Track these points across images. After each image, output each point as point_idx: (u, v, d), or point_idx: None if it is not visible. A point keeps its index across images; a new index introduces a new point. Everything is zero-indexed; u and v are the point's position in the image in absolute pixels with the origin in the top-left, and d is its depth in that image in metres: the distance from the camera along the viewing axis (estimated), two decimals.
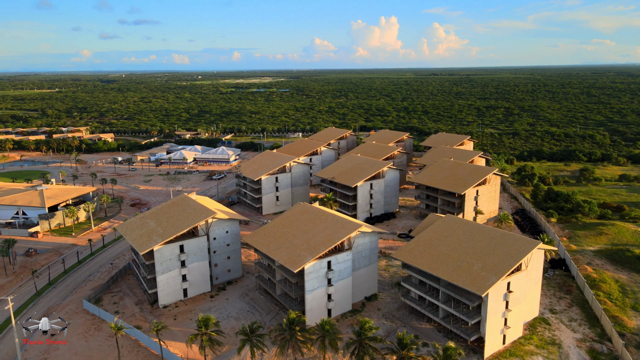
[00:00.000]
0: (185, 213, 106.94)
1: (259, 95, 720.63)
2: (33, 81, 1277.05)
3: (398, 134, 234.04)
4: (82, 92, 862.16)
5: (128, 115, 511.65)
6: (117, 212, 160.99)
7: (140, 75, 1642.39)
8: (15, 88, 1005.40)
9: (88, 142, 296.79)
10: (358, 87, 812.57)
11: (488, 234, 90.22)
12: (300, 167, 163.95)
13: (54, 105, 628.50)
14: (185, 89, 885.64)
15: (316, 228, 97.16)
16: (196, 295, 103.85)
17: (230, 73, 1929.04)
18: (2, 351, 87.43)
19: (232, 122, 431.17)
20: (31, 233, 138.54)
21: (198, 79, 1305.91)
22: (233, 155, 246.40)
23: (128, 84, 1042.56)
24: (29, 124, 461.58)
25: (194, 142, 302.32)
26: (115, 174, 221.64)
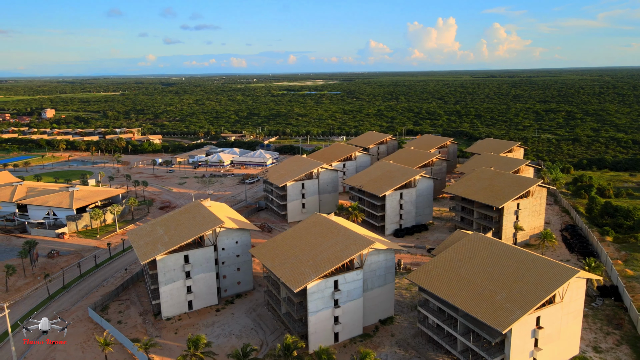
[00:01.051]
0: (194, 221, 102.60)
1: (309, 97, 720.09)
2: (101, 84, 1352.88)
3: (441, 139, 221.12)
4: (143, 94, 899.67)
5: (180, 117, 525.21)
6: (145, 214, 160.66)
7: (199, 79, 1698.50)
8: (84, 91, 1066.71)
9: (134, 144, 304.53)
10: (410, 90, 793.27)
11: (518, 258, 78.69)
12: (329, 174, 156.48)
13: (115, 107, 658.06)
14: (239, 91, 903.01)
15: (326, 243, 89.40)
16: (202, 308, 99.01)
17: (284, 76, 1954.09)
18: (2, 357, 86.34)
19: (278, 125, 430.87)
20: (58, 234, 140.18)
21: (253, 82, 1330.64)
22: (270, 158, 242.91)
23: (186, 87, 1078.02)
24: (89, 124, 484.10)
25: (234, 144, 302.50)
26: (153, 176, 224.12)
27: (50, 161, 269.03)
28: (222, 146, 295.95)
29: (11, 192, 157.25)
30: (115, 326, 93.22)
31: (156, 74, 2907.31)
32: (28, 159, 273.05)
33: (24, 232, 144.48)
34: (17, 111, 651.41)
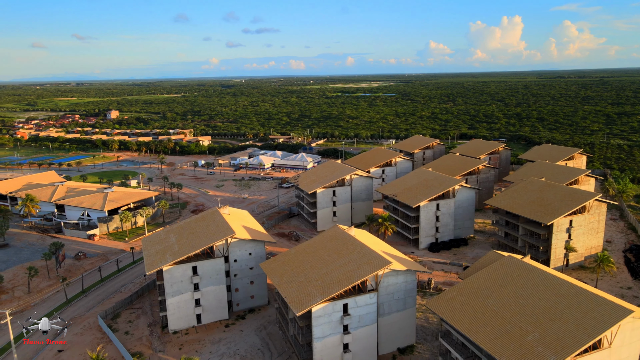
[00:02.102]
0: (207, 230, 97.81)
1: (363, 99, 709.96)
2: (165, 87, 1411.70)
3: (492, 145, 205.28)
4: (202, 96, 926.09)
5: (234, 118, 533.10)
6: (176, 218, 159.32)
7: (258, 80, 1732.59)
8: (149, 93, 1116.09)
9: (183, 145, 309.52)
10: (469, 92, 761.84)
11: (558, 290, 66.76)
12: (362, 181, 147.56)
13: (174, 108, 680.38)
14: (294, 93, 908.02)
15: (339, 260, 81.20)
16: (211, 323, 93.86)
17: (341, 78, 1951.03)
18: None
19: (328, 127, 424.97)
20: (89, 235, 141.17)
21: (310, 84, 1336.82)
22: (311, 162, 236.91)
23: (244, 89, 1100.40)
24: (148, 125, 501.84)
25: (277, 147, 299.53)
26: (193, 178, 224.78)
27: (101, 161, 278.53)
28: (266, 149, 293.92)
29: (51, 192, 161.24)
30: (122, 337, 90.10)
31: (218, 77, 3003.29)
32: (82, 158, 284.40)
33: (59, 232, 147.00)
34: (86, 112, 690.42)
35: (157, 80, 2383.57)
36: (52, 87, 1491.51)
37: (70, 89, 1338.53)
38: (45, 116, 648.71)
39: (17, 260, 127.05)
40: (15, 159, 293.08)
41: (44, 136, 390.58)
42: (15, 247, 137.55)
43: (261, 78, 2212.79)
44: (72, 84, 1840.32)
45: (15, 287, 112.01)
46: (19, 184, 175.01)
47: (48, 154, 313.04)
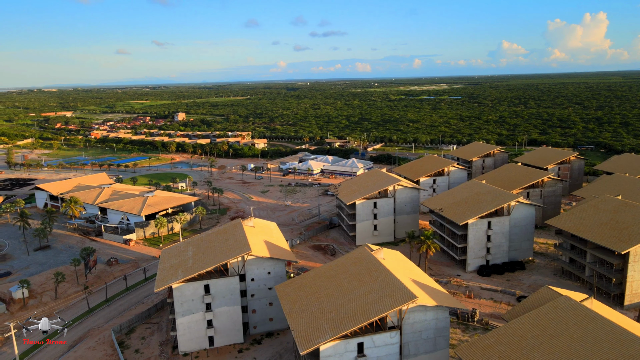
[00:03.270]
0: (224, 245, 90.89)
1: (427, 102, 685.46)
2: (233, 90, 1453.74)
3: (563, 154, 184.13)
4: (267, 99, 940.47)
5: (293, 121, 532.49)
6: (214, 224, 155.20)
7: (323, 83, 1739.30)
8: (217, 96, 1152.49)
9: (236, 148, 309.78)
10: (543, 94, 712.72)
11: (628, 349, 52.26)
12: (407, 192, 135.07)
13: (238, 111, 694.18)
14: (357, 96, 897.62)
15: (359, 289, 70.75)
16: (225, 346, 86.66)
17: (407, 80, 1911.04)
18: None
19: (387, 131, 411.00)
20: (125, 240, 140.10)
21: (374, 86, 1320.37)
22: (362, 168, 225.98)
23: (308, 92, 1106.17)
24: (210, 127, 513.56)
25: (330, 152, 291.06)
26: (240, 182, 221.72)
27: (156, 163, 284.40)
28: (319, 153, 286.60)
29: (97, 194, 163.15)
30: (131, 356, 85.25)
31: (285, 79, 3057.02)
32: (140, 160, 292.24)
33: (99, 235, 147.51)
34: (157, 114, 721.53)
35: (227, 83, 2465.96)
36: (131, 91, 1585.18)
37: (147, 92, 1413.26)
38: (120, 118, 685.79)
39: (53, 263, 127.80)
40: (82, 159, 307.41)
41: (113, 137, 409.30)
42: (55, 249, 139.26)
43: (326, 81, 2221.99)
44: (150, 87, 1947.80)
45: (45, 291, 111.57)
46: (70, 185, 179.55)
47: (112, 155, 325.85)
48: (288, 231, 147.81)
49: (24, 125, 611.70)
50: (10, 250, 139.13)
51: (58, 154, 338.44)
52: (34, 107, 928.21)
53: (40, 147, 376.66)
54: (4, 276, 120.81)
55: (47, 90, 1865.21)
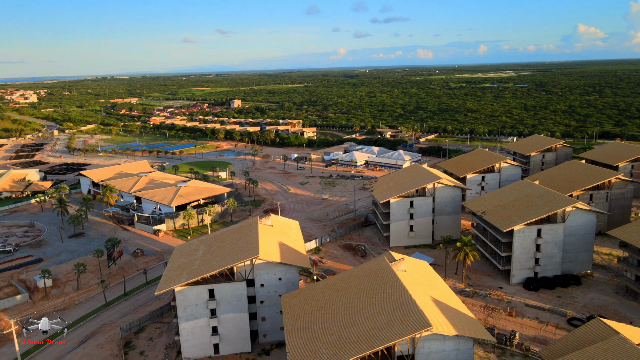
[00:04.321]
0: (235, 246, 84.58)
1: (489, 90, 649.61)
2: (292, 77, 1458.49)
3: (638, 150, 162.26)
4: (323, 86, 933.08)
5: (347, 109, 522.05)
6: (245, 217, 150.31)
7: (382, 71, 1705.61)
8: (275, 83, 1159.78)
9: (283, 136, 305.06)
10: (621, 81, 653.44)
11: None
12: (449, 191, 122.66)
13: (293, 98, 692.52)
14: (415, 84, 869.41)
15: (368, 308, 61.70)
16: (230, 355, 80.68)
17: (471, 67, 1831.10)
18: None
19: (442, 121, 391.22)
20: (154, 231, 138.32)
21: (434, 74, 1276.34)
22: (408, 161, 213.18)
23: (365, 79, 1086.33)
24: (264, 115, 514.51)
25: (377, 142, 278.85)
26: (282, 172, 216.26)
27: (202, 150, 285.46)
28: (365, 143, 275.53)
29: (133, 183, 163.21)
30: (136, 357, 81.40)
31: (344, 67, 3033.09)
32: (187, 147, 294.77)
33: (132, 224, 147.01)
34: (215, 101, 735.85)
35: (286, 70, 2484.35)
36: (194, 78, 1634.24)
37: (209, 80, 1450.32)
38: (180, 105, 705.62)
39: (83, 252, 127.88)
40: (135, 145, 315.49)
41: (168, 124, 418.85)
42: (89, 236, 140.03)
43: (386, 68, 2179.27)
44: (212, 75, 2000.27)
45: (69, 281, 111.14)
46: (112, 172, 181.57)
47: (164, 142, 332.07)
48: (320, 227, 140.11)
49: (92, 111, 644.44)
50: (47, 236, 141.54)
51: (115, 140, 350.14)
52: (104, 93, 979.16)
53: (100, 133, 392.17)
54: (35, 263, 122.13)
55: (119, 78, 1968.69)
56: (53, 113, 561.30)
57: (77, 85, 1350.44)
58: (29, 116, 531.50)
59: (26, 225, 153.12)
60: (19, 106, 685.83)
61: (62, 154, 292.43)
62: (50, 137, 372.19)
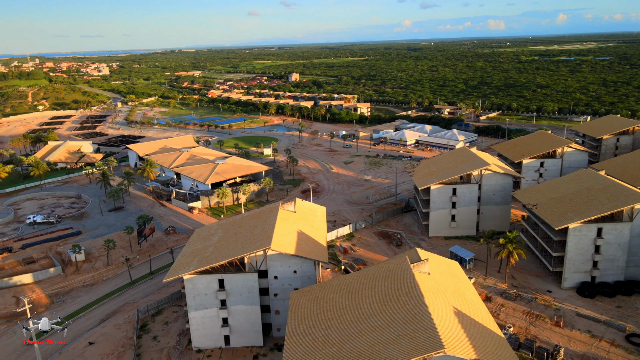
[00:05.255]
0: (250, 233, 79.62)
1: (564, 64, 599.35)
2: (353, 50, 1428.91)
3: None
4: (384, 60, 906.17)
5: (406, 84, 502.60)
6: (282, 197, 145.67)
7: (448, 43, 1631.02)
8: (335, 56, 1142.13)
9: (334, 112, 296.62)
10: None
11: None
12: (498, 179, 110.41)
13: (352, 72, 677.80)
14: (482, 57, 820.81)
15: (378, 318, 54.49)
16: (241, 348, 76.67)
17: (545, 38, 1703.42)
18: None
19: (507, 98, 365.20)
20: (189, 208, 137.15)
21: (505, 46, 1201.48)
22: (462, 142, 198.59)
23: (429, 52, 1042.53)
24: (320, 89, 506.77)
25: (430, 120, 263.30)
26: (327, 150, 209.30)
27: (252, 125, 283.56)
28: (419, 121, 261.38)
29: (174, 158, 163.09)
30: (147, 343, 79.69)
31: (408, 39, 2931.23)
32: (238, 121, 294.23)
33: (169, 200, 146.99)
34: (273, 75, 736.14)
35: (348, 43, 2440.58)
36: (256, 51, 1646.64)
37: (270, 53, 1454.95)
38: (240, 78, 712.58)
39: (120, 226, 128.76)
40: (189, 118, 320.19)
41: (224, 97, 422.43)
42: (127, 211, 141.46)
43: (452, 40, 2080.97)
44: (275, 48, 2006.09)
45: (101, 256, 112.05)
46: (156, 146, 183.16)
47: (217, 115, 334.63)
48: (357, 211, 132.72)
49: (157, 84, 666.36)
50: (90, 209, 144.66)
51: (172, 113, 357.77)
52: (170, 66, 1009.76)
53: (159, 106, 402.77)
54: (74, 235, 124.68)
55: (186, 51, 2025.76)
56: (121, 86, 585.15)
57: (147, 58, 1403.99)
58: (98, 88, 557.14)
59: (73, 197, 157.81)
60: (91, 79, 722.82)
61: (121, 126, 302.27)
62: (113, 110, 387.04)
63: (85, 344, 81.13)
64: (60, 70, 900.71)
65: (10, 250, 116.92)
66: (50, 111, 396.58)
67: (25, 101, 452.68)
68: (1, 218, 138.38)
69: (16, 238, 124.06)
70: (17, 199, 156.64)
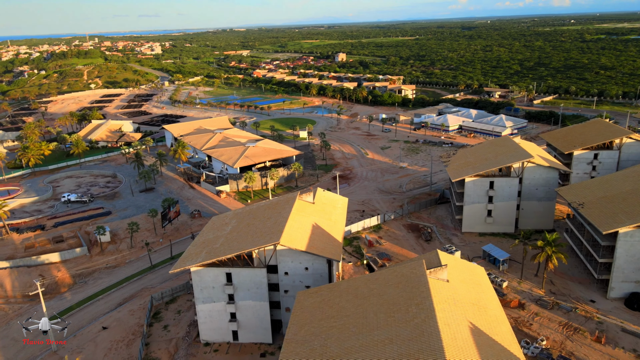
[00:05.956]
0: (263, 225, 75.65)
1: (634, 44, 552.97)
2: (404, 29, 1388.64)
3: None
4: (436, 39, 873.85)
5: (456, 65, 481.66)
6: (313, 183, 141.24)
7: (505, 21, 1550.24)
8: (385, 36, 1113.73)
9: (376, 94, 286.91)
10: None
11: None
12: (541, 173, 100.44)
13: (400, 52, 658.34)
14: (542, 35, 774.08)
15: (382, 331, 49.23)
16: (250, 344, 73.65)
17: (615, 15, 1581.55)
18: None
19: (565, 80, 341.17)
20: (217, 191, 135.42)
21: (569, 24, 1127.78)
22: (510, 128, 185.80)
23: (484, 31, 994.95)
24: (366, 69, 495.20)
25: (478, 104, 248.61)
26: (365, 134, 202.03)
27: (291, 106, 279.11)
28: (465, 105, 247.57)
29: (207, 140, 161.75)
30: (157, 332, 78.35)
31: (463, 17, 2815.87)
32: (276, 102, 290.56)
33: (199, 182, 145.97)
34: (320, 54, 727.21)
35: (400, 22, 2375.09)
36: (305, 30, 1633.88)
37: (320, 32, 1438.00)
38: (287, 57, 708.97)
39: (148, 208, 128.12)
40: (232, 98, 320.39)
41: (268, 77, 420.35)
42: (157, 192, 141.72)
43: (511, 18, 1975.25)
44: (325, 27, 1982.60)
45: (126, 238, 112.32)
46: (191, 127, 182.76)
47: (259, 95, 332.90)
48: (388, 201, 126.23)
49: (206, 63, 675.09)
50: (123, 189, 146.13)
51: (215, 92, 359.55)
52: (220, 46, 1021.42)
53: (204, 85, 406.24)
54: (104, 215, 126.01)
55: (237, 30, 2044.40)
56: (171, 65, 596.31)
57: (198, 37, 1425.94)
58: (148, 67, 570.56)
59: (109, 176, 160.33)
60: (144, 57, 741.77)
61: (165, 105, 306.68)
62: (160, 89, 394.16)
63: (99, 328, 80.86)
64: (117, 49, 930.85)
65: (44, 227, 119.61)
66: (102, 89, 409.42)
67: (81, 79, 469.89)
68: (40, 195, 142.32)
69: (50, 216, 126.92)
70: (57, 177, 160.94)
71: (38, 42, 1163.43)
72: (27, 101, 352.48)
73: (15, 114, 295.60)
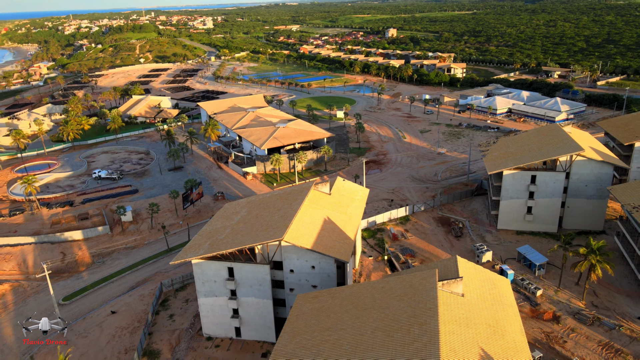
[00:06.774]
0: (271, 218, 70.67)
1: None
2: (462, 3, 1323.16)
3: None
4: (495, 13, 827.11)
5: (514, 41, 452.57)
6: (343, 167, 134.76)
7: None
8: (440, 10, 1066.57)
9: (422, 73, 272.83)
10: None
11: None
12: (592, 168, 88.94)
13: (455, 27, 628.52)
14: (614, 9, 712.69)
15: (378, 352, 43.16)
16: (252, 341, 69.80)
17: None
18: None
19: (636, 60, 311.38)
20: (244, 173, 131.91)
21: None
22: (565, 112, 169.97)
23: (549, 4, 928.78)
24: (417, 46, 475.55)
25: (532, 85, 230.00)
26: (405, 115, 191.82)
27: (332, 84, 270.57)
28: (517, 86, 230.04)
29: (239, 119, 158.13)
30: (162, 321, 76.15)
31: None
32: (317, 80, 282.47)
33: (227, 163, 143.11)
34: (370, 30, 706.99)
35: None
36: (358, 4, 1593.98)
37: (372, 6, 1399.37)
38: (336, 33, 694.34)
39: (175, 187, 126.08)
40: (275, 74, 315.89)
41: (314, 53, 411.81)
42: (185, 171, 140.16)
43: None
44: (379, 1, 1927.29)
45: (148, 218, 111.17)
46: (225, 105, 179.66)
47: (302, 72, 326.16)
48: (421, 190, 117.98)
49: (255, 38, 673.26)
50: (152, 166, 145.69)
51: (259, 68, 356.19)
52: (270, 20, 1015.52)
53: (249, 61, 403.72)
54: (131, 193, 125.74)
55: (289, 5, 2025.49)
56: (220, 39, 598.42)
57: (250, 12, 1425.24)
58: (197, 42, 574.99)
59: (143, 152, 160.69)
60: (195, 32, 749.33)
61: (208, 81, 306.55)
62: (206, 64, 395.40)
63: (108, 312, 79.77)
64: (170, 23, 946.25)
65: (72, 204, 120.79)
66: (151, 64, 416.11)
67: (133, 53, 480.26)
68: (75, 170, 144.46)
69: (80, 192, 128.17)
70: (94, 152, 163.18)
71: (99, 17, 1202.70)
72: (80, 75, 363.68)
73: (68, 87, 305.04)
